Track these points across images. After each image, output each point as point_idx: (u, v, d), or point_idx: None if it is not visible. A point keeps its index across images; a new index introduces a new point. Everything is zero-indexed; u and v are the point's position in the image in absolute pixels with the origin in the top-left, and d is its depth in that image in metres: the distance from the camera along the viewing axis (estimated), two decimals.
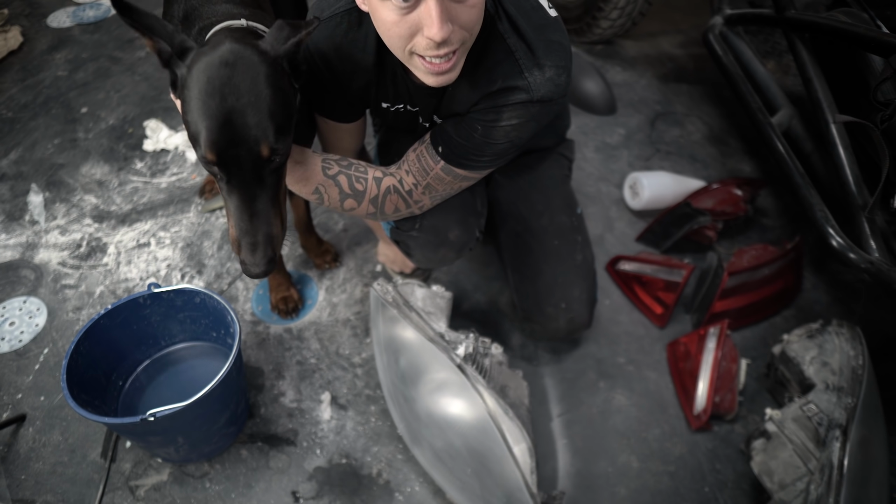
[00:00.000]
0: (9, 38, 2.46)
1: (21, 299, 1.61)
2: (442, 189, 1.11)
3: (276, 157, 0.81)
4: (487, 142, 1.00)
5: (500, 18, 0.94)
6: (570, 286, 1.36)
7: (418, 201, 1.12)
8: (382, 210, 1.11)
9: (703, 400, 1.40)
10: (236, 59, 0.78)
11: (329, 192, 1.06)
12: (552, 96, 0.96)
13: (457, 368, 1.18)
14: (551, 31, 0.96)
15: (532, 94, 0.95)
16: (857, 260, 1.30)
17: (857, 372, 1.27)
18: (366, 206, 1.10)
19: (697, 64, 2.55)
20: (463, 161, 1.04)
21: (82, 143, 2.06)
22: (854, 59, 1.51)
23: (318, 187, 1.05)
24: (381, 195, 1.09)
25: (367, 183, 1.08)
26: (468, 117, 1.01)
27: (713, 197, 1.80)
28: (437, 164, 1.06)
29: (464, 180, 1.10)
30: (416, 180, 1.09)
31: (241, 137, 0.78)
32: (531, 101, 0.95)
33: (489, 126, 0.99)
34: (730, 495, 1.31)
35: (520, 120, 0.98)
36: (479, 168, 1.07)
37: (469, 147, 1.02)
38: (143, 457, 1.32)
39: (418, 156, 1.08)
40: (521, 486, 1.09)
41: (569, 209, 1.42)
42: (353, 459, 1.34)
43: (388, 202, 1.10)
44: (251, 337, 1.54)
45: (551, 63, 0.94)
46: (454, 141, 1.02)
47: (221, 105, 0.77)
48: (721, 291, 1.53)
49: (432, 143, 1.06)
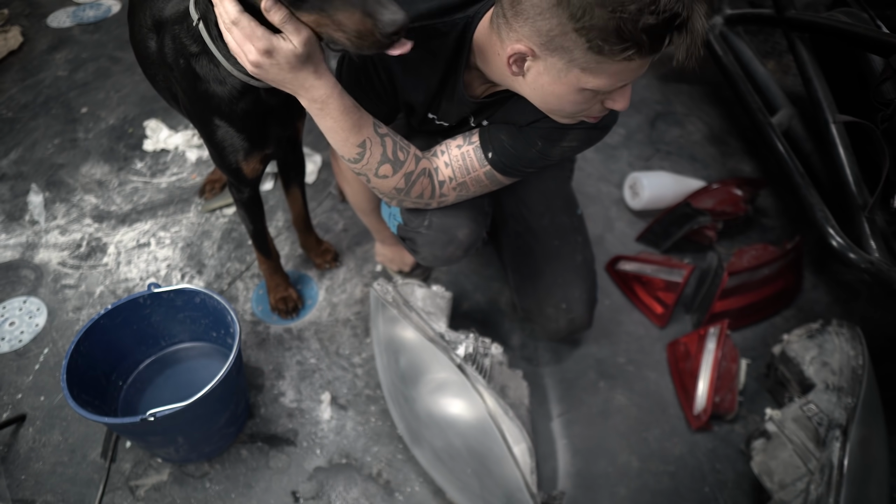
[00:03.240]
0: (9, 38, 2.46)
1: (21, 299, 1.61)
2: (474, 190, 1.11)
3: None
4: (542, 157, 1.03)
5: None
6: (571, 286, 1.36)
7: (444, 195, 1.11)
8: (410, 190, 1.08)
9: (703, 400, 1.40)
10: None
11: (373, 149, 1.01)
12: (610, 125, 1.02)
13: (457, 368, 1.18)
14: None
15: (599, 121, 0.98)
16: (857, 260, 1.30)
17: (857, 372, 1.27)
18: (397, 179, 1.06)
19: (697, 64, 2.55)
20: (509, 169, 1.06)
21: (82, 143, 2.06)
22: (854, 59, 1.51)
23: (366, 140, 0.99)
24: (416, 173, 1.06)
25: (408, 155, 1.05)
26: (528, 130, 1.02)
27: (713, 197, 1.80)
28: (483, 168, 1.07)
29: (497, 185, 1.12)
30: (454, 175, 1.08)
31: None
32: (595, 127, 1.00)
33: (551, 144, 1.02)
34: (730, 495, 1.31)
35: (579, 143, 1.03)
36: (519, 176, 1.10)
37: (521, 159, 1.04)
38: (143, 457, 1.32)
39: (464, 154, 1.08)
40: (521, 486, 1.09)
41: (569, 210, 1.42)
42: (353, 459, 1.34)
43: (418, 183, 1.08)
44: (251, 337, 1.54)
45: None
46: (507, 151, 1.04)
47: None
48: (721, 291, 1.53)
49: (482, 146, 1.06)
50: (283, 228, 1.80)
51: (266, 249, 1.46)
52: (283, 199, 1.88)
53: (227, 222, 1.82)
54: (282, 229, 1.80)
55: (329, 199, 1.90)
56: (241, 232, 1.79)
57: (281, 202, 1.87)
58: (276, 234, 1.78)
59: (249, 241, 1.75)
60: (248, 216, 1.36)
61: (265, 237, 1.44)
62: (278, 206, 1.87)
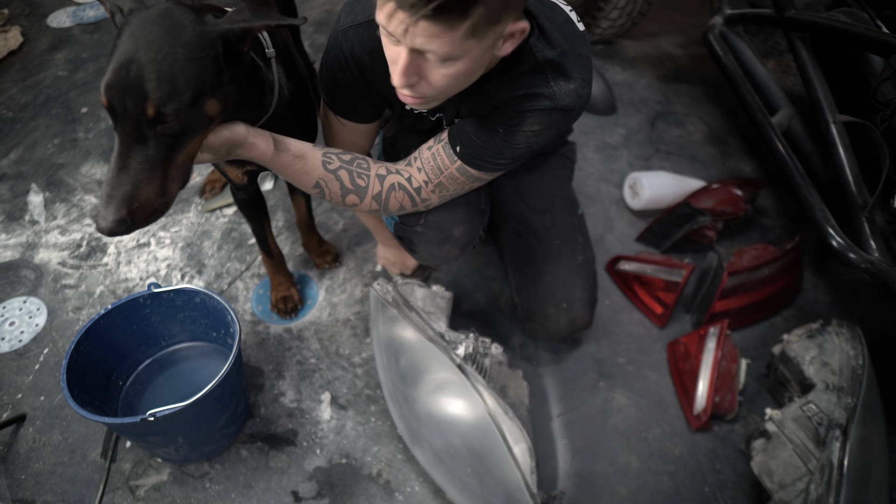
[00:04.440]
0: (9, 38, 2.46)
1: (21, 299, 1.61)
2: (453, 189, 1.11)
3: (167, 122, 0.78)
4: (507, 145, 1.02)
5: (534, 32, 0.96)
6: (572, 286, 1.36)
7: (426, 199, 1.12)
8: (386, 206, 1.12)
9: (703, 400, 1.40)
10: (163, 17, 0.78)
11: (330, 186, 1.06)
12: (574, 106, 0.99)
13: (457, 368, 1.18)
14: (579, 45, 0.99)
15: (556, 102, 0.96)
16: (857, 260, 1.30)
17: (857, 372, 1.27)
18: (368, 202, 1.10)
19: (697, 64, 2.55)
20: (480, 162, 1.05)
21: (82, 143, 2.06)
22: (854, 59, 1.51)
23: (318, 181, 1.05)
24: (384, 191, 1.09)
25: (369, 179, 1.08)
26: (490, 120, 1.02)
27: (713, 197, 1.80)
28: (454, 164, 1.07)
29: (476, 181, 1.11)
30: (428, 178, 1.09)
31: (130, 88, 0.76)
32: (554, 108, 0.97)
33: (511, 130, 1.00)
34: (730, 495, 1.31)
35: (541, 126, 1.00)
36: (493, 170, 1.08)
37: (488, 149, 1.03)
38: (143, 457, 1.32)
39: (434, 154, 1.08)
40: (521, 486, 1.09)
41: (570, 209, 1.42)
42: (353, 459, 1.34)
43: (392, 199, 1.10)
44: (251, 337, 1.54)
45: (577, 76, 0.97)
46: (474, 142, 1.03)
47: (126, 53, 0.77)
48: (721, 291, 1.53)
49: (450, 142, 1.07)
50: (284, 228, 1.80)
51: (267, 249, 1.46)
52: (283, 198, 1.89)
53: (227, 222, 1.82)
54: (282, 229, 1.80)
55: None
56: (241, 232, 1.79)
57: (281, 202, 1.87)
58: (277, 233, 1.78)
59: (250, 241, 1.76)
60: (246, 216, 1.40)
61: (265, 237, 1.44)
62: (278, 205, 1.87)
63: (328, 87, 1.11)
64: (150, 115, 0.77)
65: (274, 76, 0.99)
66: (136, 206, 0.78)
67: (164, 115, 0.77)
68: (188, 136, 0.82)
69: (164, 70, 0.76)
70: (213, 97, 0.82)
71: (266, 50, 0.97)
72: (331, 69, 1.07)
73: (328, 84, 1.10)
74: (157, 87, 0.76)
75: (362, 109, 1.13)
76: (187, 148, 0.83)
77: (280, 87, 1.01)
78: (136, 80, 0.76)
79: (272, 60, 0.98)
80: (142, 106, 0.76)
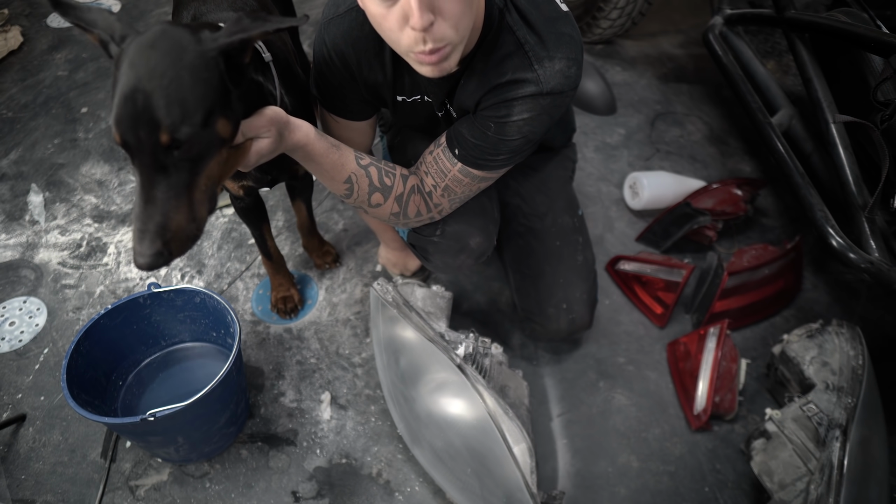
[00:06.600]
0: (9, 38, 2.46)
1: (21, 299, 1.61)
2: (461, 192, 1.10)
3: (182, 147, 0.76)
4: (501, 139, 0.99)
5: (510, 11, 0.93)
6: (572, 287, 1.36)
7: (438, 204, 1.12)
8: (406, 211, 1.10)
9: (703, 400, 1.40)
10: (161, 41, 0.76)
11: (360, 182, 1.04)
12: (562, 88, 0.95)
13: (457, 368, 1.18)
14: (562, 23, 0.95)
15: (542, 86, 0.93)
16: (857, 260, 1.30)
17: (857, 372, 1.27)
18: (391, 205, 1.09)
19: (697, 64, 2.55)
20: (479, 161, 1.04)
21: (82, 143, 2.06)
22: (854, 59, 1.51)
23: (350, 175, 1.03)
24: (406, 193, 1.08)
25: (395, 178, 1.07)
26: (480, 115, 1.00)
27: (713, 197, 1.80)
28: (455, 166, 1.06)
29: (482, 181, 1.10)
30: (435, 182, 1.09)
31: (141, 119, 0.74)
32: (541, 93, 0.94)
33: (501, 122, 0.98)
34: (730, 495, 1.31)
35: (531, 114, 0.97)
36: (495, 167, 1.06)
37: (484, 147, 1.01)
38: (143, 457, 1.32)
39: (435, 158, 1.08)
40: (521, 486, 1.09)
41: (571, 210, 1.42)
42: (353, 459, 1.34)
43: (411, 202, 1.09)
44: (251, 337, 1.54)
45: (561, 55, 0.93)
46: (469, 142, 1.02)
47: (129, 84, 0.74)
48: (721, 291, 1.53)
49: (448, 145, 1.06)
50: (284, 228, 1.80)
51: (267, 251, 1.47)
52: (283, 198, 1.89)
53: (227, 222, 1.82)
54: (282, 229, 1.80)
55: (329, 199, 1.90)
56: (241, 232, 1.79)
57: (281, 202, 1.87)
58: (277, 233, 1.78)
59: (250, 241, 1.76)
60: (245, 222, 1.41)
61: (265, 240, 1.44)
62: (279, 205, 1.87)
63: (318, 85, 1.10)
64: (164, 143, 0.75)
65: (275, 83, 0.98)
66: (169, 237, 0.77)
67: (179, 141, 0.76)
68: (205, 159, 0.81)
69: (171, 95, 0.75)
70: (223, 116, 0.81)
71: (263, 55, 0.96)
72: (317, 65, 1.06)
73: (318, 81, 1.09)
74: (168, 113, 0.74)
75: (353, 105, 1.12)
76: (207, 170, 0.82)
77: (280, 96, 1.00)
78: (144, 110, 0.74)
79: (270, 64, 0.97)
80: (155, 135, 0.74)
